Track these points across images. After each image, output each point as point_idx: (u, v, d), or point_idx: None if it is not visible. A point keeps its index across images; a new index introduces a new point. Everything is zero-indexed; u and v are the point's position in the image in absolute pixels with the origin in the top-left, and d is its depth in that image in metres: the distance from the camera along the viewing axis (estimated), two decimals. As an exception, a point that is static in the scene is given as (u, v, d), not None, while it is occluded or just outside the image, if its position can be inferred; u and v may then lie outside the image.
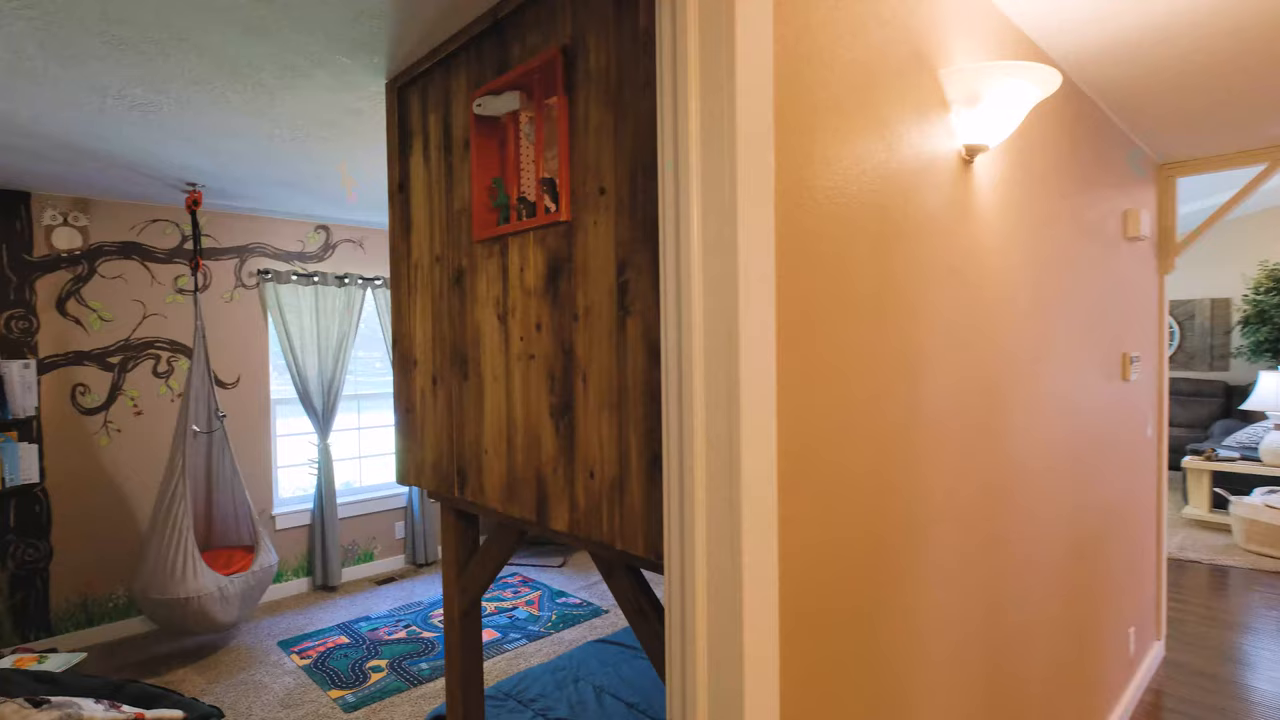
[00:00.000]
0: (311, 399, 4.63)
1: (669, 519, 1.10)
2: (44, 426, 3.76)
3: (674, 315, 1.08)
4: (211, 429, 3.96)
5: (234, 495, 4.04)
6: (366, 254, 4.97)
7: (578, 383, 1.52)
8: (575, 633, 3.81)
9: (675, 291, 1.08)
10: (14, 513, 3.69)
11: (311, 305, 4.65)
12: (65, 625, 3.84)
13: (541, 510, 1.64)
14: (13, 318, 3.68)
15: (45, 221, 3.77)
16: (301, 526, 4.70)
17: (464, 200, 1.88)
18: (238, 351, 4.42)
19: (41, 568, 3.77)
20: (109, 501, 3.97)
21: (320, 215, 4.57)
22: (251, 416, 4.47)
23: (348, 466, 5.13)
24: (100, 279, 3.93)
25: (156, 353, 4.12)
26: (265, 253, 4.52)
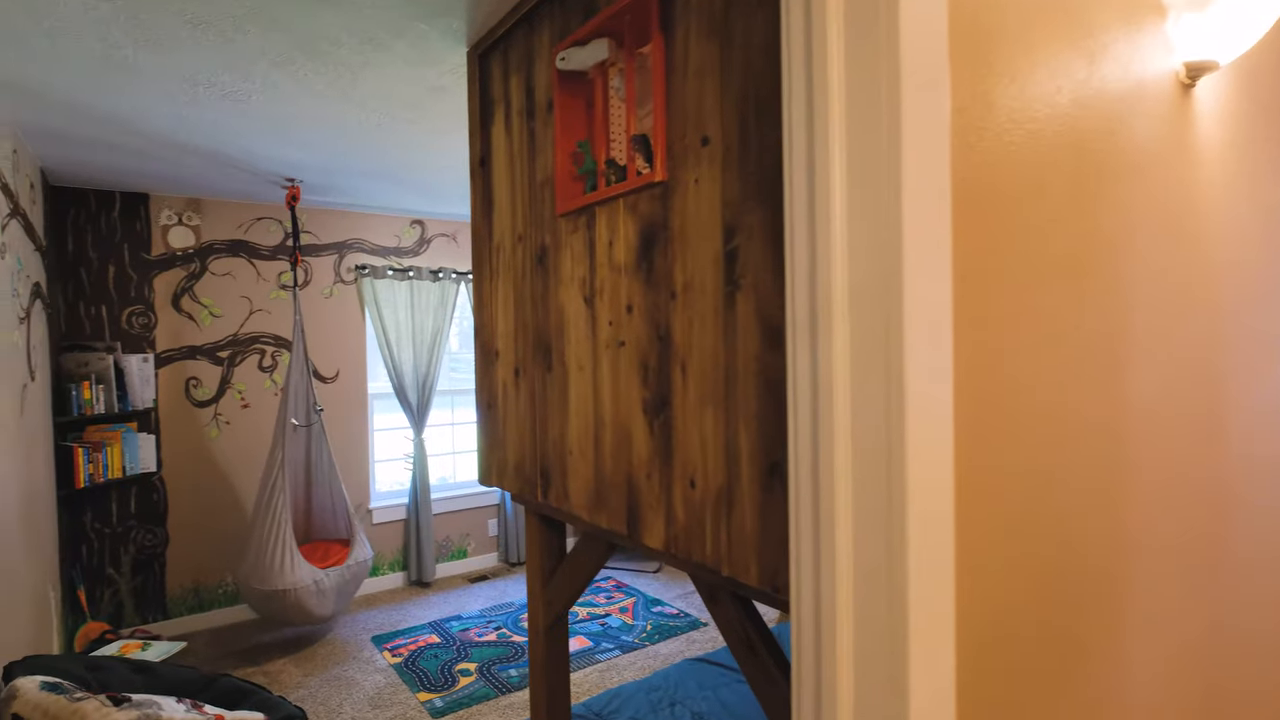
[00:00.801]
0: (407, 394, 4.64)
1: (796, 546, 0.84)
2: (161, 418, 3.92)
3: (804, 287, 0.82)
4: (310, 422, 4.01)
5: (331, 489, 4.08)
6: (460, 248, 4.94)
7: (675, 373, 1.29)
8: (671, 646, 3.58)
9: (808, 257, 0.81)
10: (135, 500, 3.85)
11: (407, 300, 4.65)
12: (179, 609, 3.99)
13: (633, 522, 1.41)
14: (133, 314, 3.84)
15: (162, 221, 3.92)
16: (397, 521, 4.73)
17: (547, 170, 1.68)
18: (337, 346, 4.47)
19: (159, 553, 3.93)
20: (219, 492, 4.09)
21: (415, 209, 4.56)
22: (350, 411, 4.52)
23: (442, 462, 5.13)
24: (211, 276, 4.06)
25: (262, 347, 4.22)
26: (363, 248, 4.56)
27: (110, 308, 3.78)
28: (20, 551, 2.51)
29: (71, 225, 3.69)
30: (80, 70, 2.17)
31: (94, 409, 3.49)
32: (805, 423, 0.81)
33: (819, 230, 0.78)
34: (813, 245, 0.81)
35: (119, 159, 3.21)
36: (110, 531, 3.79)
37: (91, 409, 3.47)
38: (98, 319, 3.75)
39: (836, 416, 0.76)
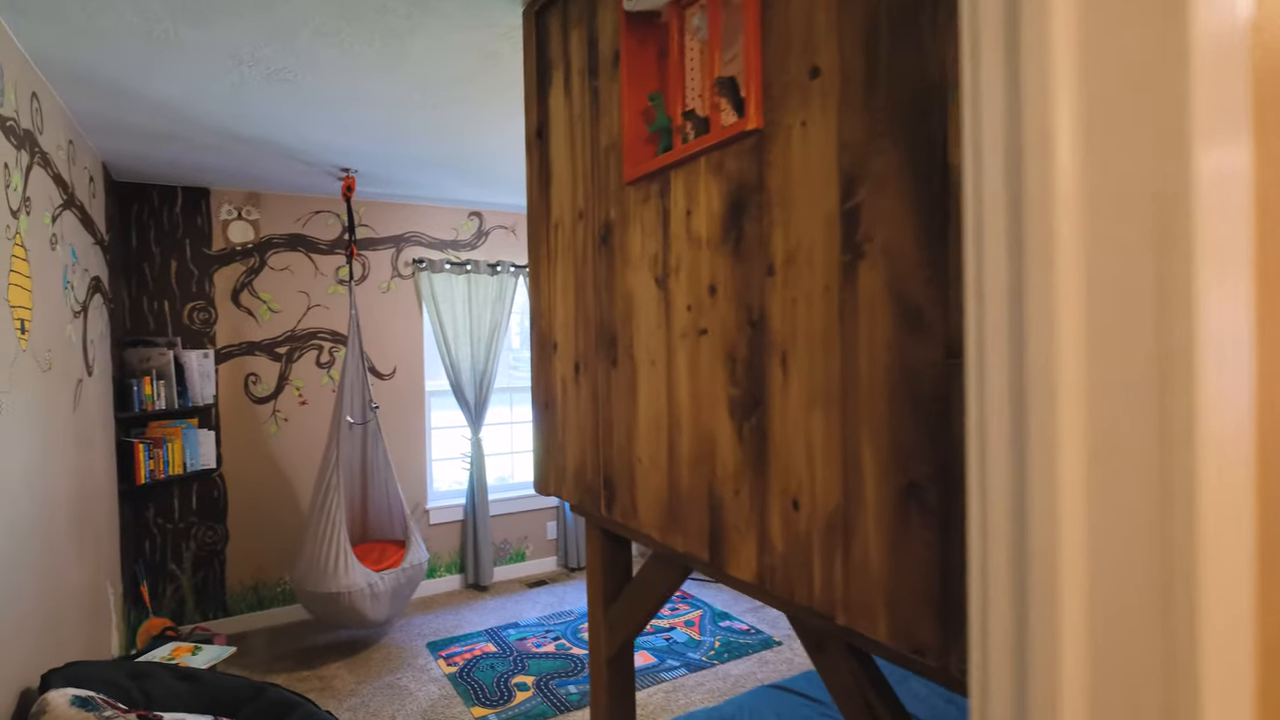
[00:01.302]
0: (464, 391, 4.52)
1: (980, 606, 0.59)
2: (221, 414, 3.89)
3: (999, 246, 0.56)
4: (365, 420, 3.92)
5: (387, 488, 3.98)
6: (518, 240, 4.80)
7: (772, 367, 1.04)
8: (743, 667, 3.33)
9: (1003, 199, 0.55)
10: (196, 496, 3.84)
11: (464, 294, 4.53)
12: (239, 607, 3.96)
13: (716, 547, 1.18)
14: (195, 309, 3.83)
15: (222, 216, 3.89)
16: (454, 522, 4.61)
17: (612, 134, 1.46)
18: (394, 342, 4.39)
19: (219, 550, 3.90)
20: (277, 489, 4.05)
21: (472, 200, 4.43)
22: (407, 408, 4.43)
23: (500, 462, 5.00)
24: (270, 271, 4.01)
25: (319, 343, 4.16)
26: (420, 241, 4.46)
27: (172, 303, 3.77)
28: (70, 549, 2.46)
29: (135, 220, 3.69)
30: (121, 47, 2.07)
31: (155, 405, 3.47)
32: (999, 428, 0.55)
33: (1027, 131, 0.52)
34: (1006, 179, 0.55)
35: (176, 151, 3.16)
36: (172, 527, 3.78)
37: (152, 404, 3.45)
38: (160, 314, 3.75)
39: (1061, 421, 0.50)
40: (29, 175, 2.10)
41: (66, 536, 2.40)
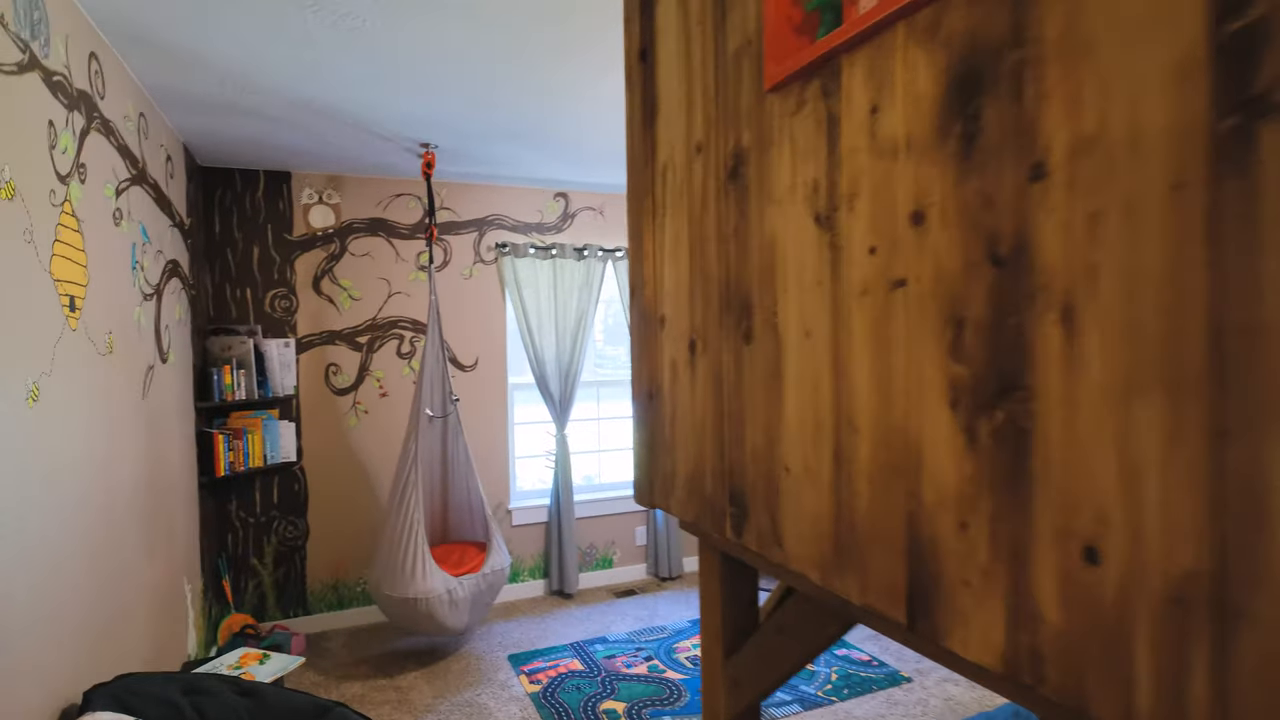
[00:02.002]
0: (548, 384, 4.25)
1: None
2: (301, 405, 3.78)
3: None
4: (446, 413, 3.70)
5: (468, 486, 3.75)
6: (607, 222, 4.49)
7: (1041, 328, 0.65)
8: (868, 707, 2.88)
9: None
10: (277, 489, 3.74)
11: (549, 280, 4.26)
12: (319, 605, 3.84)
13: (921, 605, 0.79)
14: (276, 296, 3.72)
15: (303, 200, 3.77)
16: (538, 524, 4.36)
17: (746, 28, 1.09)
18: (475, 331, 4.17)
19: (300, 546, 3.79)
20: (357, 484, 3.91)
21: (558, 179, 4.15)
22: (489, 402, 4.21)
23: (585, 460, 4.72)
24: (350, 257, 3.87)
25: (400, 332, 3.99)
26: (504, 224, 4.22)
27: (254, 290, 3.68)
28: (138, 544, 2.31)
29: (218, 205, 3.61)
30: None
31: (235, 394, 3.36)
32: None
33: None
34: None
35: (250, 127, 3.01)
36: (254, 521, 3.69)
37: (233, 394, 3.35)
38: (242, 302, 3.66)
39: None
40: (84, 140, 1.93)
41: (133, 531, 2.25)
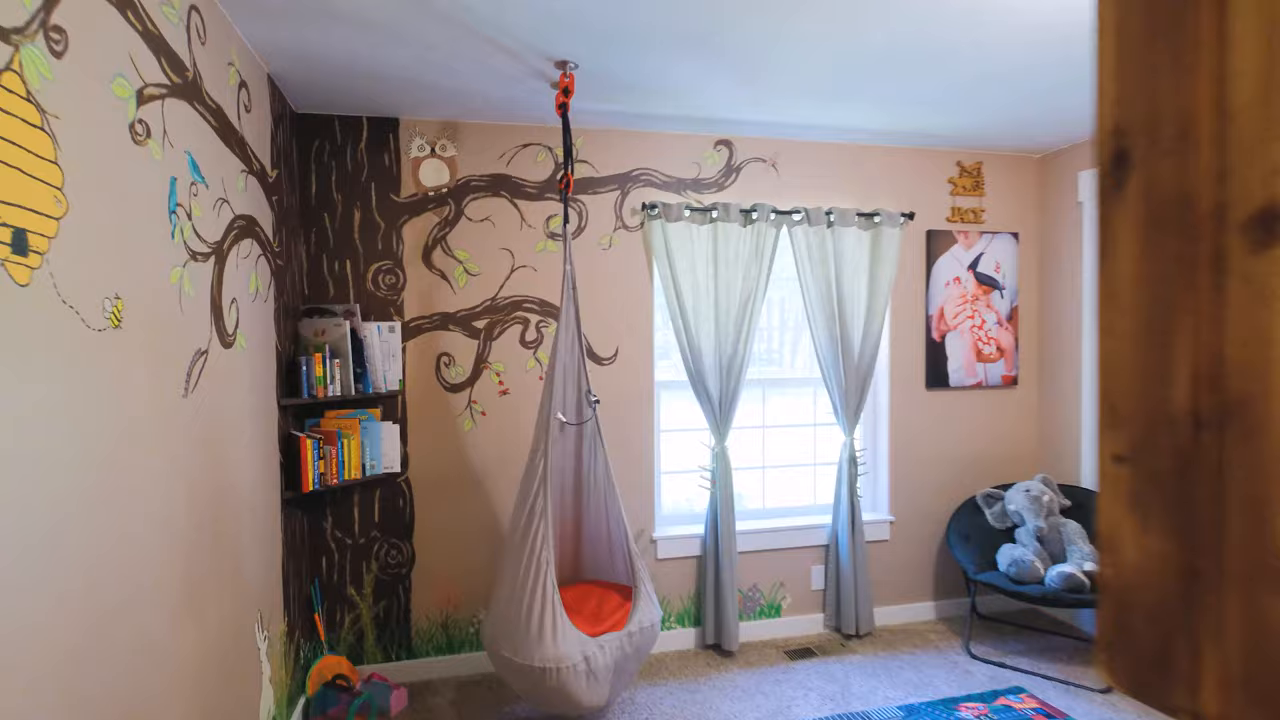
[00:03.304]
0: (705, 382, 3.40)
1: None
2: (408, 404, 3.15)
3: None
4: (583, 419, 2.94)
5: (608, 511, 2.98)
6: (781, 177, 3.58)
7: None
8: None
9: None
10: (379, 506, 3.13)
11: (707, 250, 3.42)
12: (425, 647, 3.20)
13: None
14: (380, 271, 3.11)
15: (413, 153, 3.14)
16: (688, 558, 3.53)
17: None
18: (616, 315, 3.39)
19: (404, 574, 3.17)
20: (472, 501, 3.24)
21: (722, 119, 3.28)
22: (630, 404, 3.42)
23: (747, 479, 3.84)
24: (467, 222, 3.20)
25: (525, 315, 3.29)
26: (652, 180, 3.42)
27: (354, 263, 3.08)
28: (172, 605, 1.67)
29: (315, 160, 3.04)
30: None
31: (328, 389, 2.76)
32: None
33: None
34: None
35: (342, 40, 2.37)
36: (352, 543, 3.11)
37: (325, 389, 2.75)
38: (341, 277, 3.07)
39: None
40: (58, -7, 1.28)
41: (166, 588, 1.62)
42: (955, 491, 3.94)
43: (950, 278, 3.90)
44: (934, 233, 3.83)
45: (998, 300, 3.98)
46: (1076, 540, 3.49)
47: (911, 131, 3.50)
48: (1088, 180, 3.71)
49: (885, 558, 3.82)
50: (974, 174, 3.91)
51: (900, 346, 3.82)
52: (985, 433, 3.97)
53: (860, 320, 3.63)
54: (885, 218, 3.63)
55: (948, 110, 3.16)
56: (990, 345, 3.97)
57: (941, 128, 3.43)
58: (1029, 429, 4.04)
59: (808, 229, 3.54)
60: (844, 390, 3.60)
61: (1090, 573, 3.31)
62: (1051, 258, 3.96)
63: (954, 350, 3.91)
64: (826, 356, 3.58)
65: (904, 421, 3.83)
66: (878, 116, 3.25)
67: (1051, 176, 3.95)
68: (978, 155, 3.91)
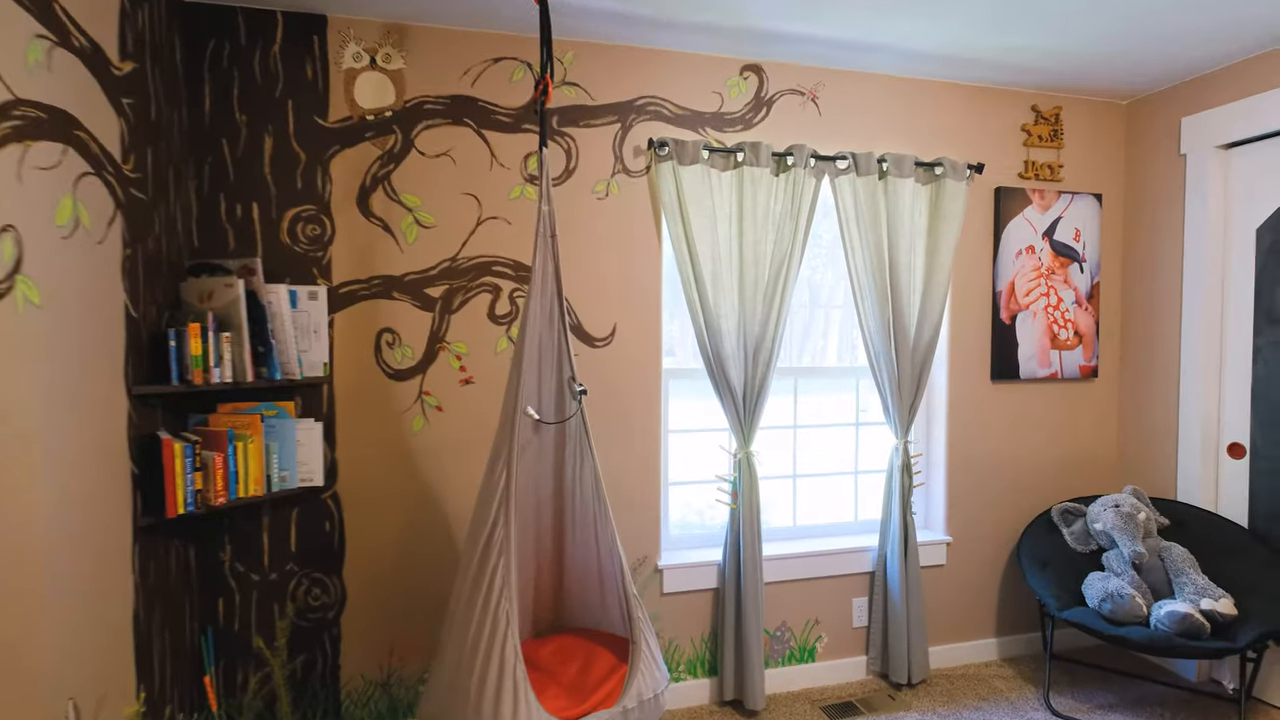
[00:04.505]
0: (726, 371, 2.53)
1: None
2: (336, 395, 2.29)
3: None
4: (565, 415, 2.08)
5: (598, 539, 2.11)
6: (823, 115, 2.71)
7: None
8: None
9: None
10: (295, 530, 2.27)
11: (731, 203, 2.55)
12: (360, 715, 2.34)
13: None
14: (301, 219, 2.24)
15: (346, 63, 2.27)
16: (703, 591, 2.67)
17: None
18: (615, 283, 2.53)
19: (331, 619, 2.31)
20: (424, 522, 2.38)
21: (754, 35, 2.40)
22: (631, 397, 2.56)
23: (776, 491, 2.98)
24: (418, 158, 2.33)
25: (495, 281, 2.42)
26: (662, 113, 2.54)
27: (265, 207, 2.21)
28: None
29: (210, 67, 2.17)
30: None
31: (210, 374, 1.89)
32: None
33: None
34: None
35: None
36: (260, 580, 2.24)
37: (204, 373, 1.88)
38: (245, 225, 2.20)
39: None
40: None
41: None
42: (1023, 507, 3.08)
43: (1022, 246, 3.02)
44: (1004, 190, 2.96)
45: (1076, 275, 3.11)
46: (1186, 569, 2.63)
47: (983, 61, 2.63)
48: (1195, 127, 2.84)
49: (940, 587, 2.97)
50: (1052, 121, 3.03)
51: (962, 329, 2.95)
52: (1060, 435, 3.10)
53: (917, 296, 2.76)
54: (949, 168, 2.75)
55: (1029, 25, 2.28)
56: (1067, 329, 3.10)
57: (1019, 56, 2.55)
58: (1109, 431, 3.18)
59: (855, 180, 2.67)
60: (896, 382, 2.74)
61: (1210, 612, 2.45)
62: (1142, 225, 3.09)
63: (1025, 335, 3.04)
64: (876, 340, 2.71)
65: (965, 421, 2.96)
66: (944, 33, 2.37)
67: (1143, 125, 3.07)
68: (1057, 99, 3.03)
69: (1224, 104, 2.74)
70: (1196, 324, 2.85)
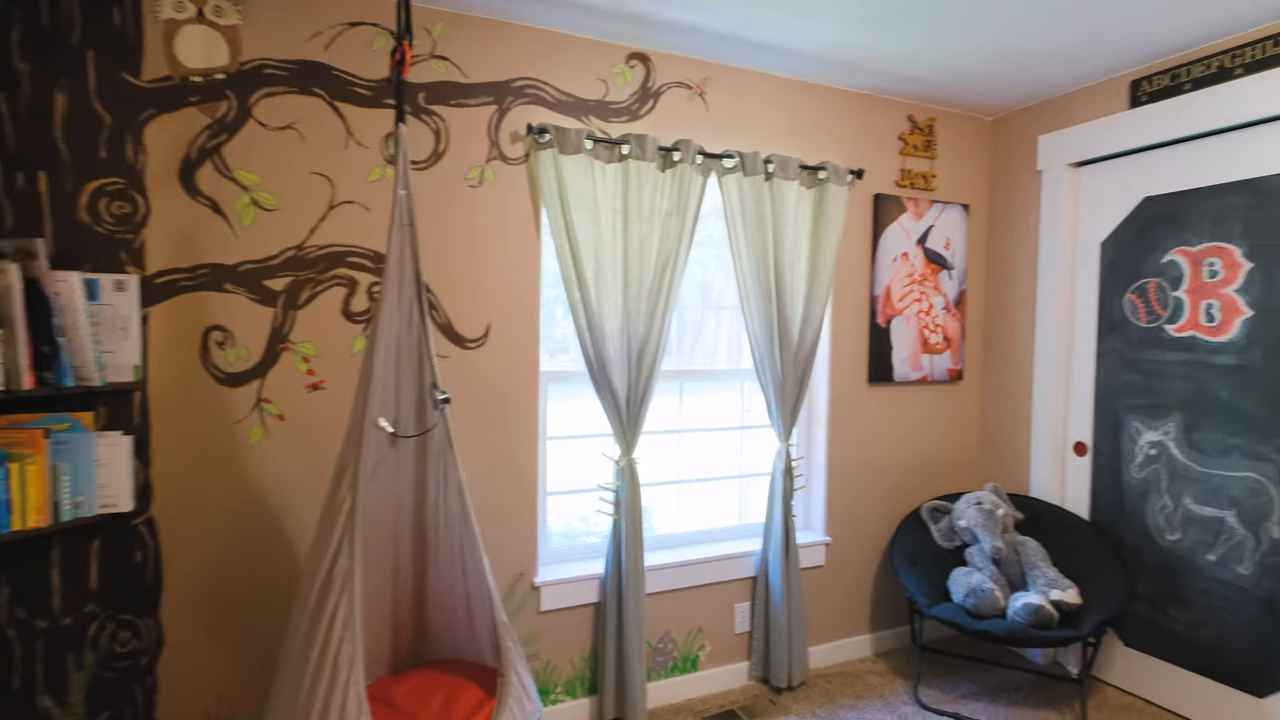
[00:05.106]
0: (609, 374, 2.37)
1: None
2: (151, 402, 1.92)
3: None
4: (426, 426, 1.84)
5: (465, 563, 1.89)
6: (710, 110, 2.60)
7: None
8: None
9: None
10: (96, 565, 1.89)
11: (616, 197, 2.38)
12: (189, 770, 2.00)
13: None
14: (104, 194, 1.86)
15: (166, 13, 1.90)
16: (583, 606, 2.50)
17: None
18: (489, 280, 2.30)
19: (144, 667, 1.94)
20: (262, 549, 2.05)
21: (640, 21, 2.24)
22: (506, 403, 2.34)
23: (659, 497, 2.86)
24: (257, 130, 2.00)
25: (351, 275, 2.13)
26: (542, 98, 2.34)
27: (57, 178, 1.81)
28: None
29: (-19, 3, 1.75)
30: None
31: (-31, 380, 1.50)
32: None
33: None
34: None
35: None
36: (48, 627, 1.84)
37: (-38, 380, 1.49)
38: (29, 199, 1.79)
39: None
40: None
41: None
42: (898, 505, 3.14)
43: (898, 253, 3.07)
44: (883, 197, 2.98)
45: (946, 281, 3.20)
46: (1039, 562, 2.75)
47: (863, 67, 2.61)
48: (1049, 145, 2.98)
49: (820, 588, 2.96)
50: (926, 132, 3.09)
51: (842, 333, 2.95)
52: (930, 435, 3.19)
53: (801, 299, 2.72)
54: (832, 173, 2.73)
55: (902, 31, 2.28)
56: (937, 334, 3.19)
57: (896, 64, 2.56)
58: (972, 431, 3.30)
59: (741, 179, 2.58)
60: (780, 385, 2.69)
61: (1059, 602, 2.58)
62: (1003, 235, 3.22)
63: (900, 339, 3.09)
64: (761, 343, 2.65)
65: (844, 424, 2.97)
66: (825, 33, 2.32)
67: (1005, 141, 3.20)
68: (931, 110, 3.09)
69: (1074, 125, 2.88)
70: (1048, 331, 3.00)
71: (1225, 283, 2.45)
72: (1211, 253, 2.49)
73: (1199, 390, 2.52)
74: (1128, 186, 2.74)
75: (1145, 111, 2.61)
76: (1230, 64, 2.37)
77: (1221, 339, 2.46)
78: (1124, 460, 2.77)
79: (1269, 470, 2.34)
